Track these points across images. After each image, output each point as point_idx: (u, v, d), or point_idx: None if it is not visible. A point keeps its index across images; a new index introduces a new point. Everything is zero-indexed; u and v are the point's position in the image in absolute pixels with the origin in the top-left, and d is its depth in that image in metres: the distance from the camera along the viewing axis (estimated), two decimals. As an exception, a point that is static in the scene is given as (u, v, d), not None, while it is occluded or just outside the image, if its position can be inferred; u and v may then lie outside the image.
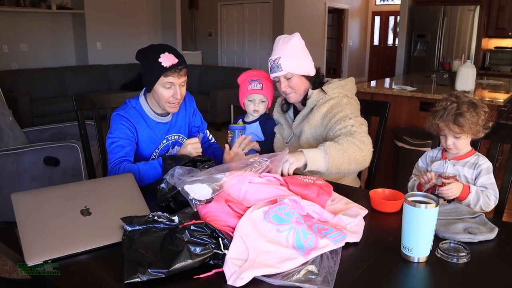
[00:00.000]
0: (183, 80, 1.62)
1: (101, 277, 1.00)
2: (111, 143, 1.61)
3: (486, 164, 1.54)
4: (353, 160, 1.60)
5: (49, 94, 5.99)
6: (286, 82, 1.77)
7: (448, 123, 1.50)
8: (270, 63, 1.77)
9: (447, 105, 1.52)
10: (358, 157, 1.61)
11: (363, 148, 1.62)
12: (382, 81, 4.41)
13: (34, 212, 1.11)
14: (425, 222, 1.03)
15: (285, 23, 8.46)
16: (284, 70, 1.73)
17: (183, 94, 1.65)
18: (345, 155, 1.58)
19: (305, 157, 1.53)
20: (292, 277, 0.96)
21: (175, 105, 1.65)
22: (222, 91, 5.91)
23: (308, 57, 1.80)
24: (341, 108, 1.73)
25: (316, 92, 1.80)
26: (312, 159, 1.54)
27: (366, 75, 11.81)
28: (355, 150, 1.60)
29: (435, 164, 1.62)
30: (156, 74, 1.57)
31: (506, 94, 3.32)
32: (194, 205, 1.19)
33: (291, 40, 1.76)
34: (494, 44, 6.41)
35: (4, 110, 2.94)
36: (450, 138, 1.54)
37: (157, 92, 1.62)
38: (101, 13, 7.02)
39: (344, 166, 1.59)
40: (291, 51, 1.74)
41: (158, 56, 1.56)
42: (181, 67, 1.59)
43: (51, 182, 2.64)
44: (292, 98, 1.82)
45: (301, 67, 1.76)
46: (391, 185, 1.53)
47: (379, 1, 11.76)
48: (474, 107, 1.50)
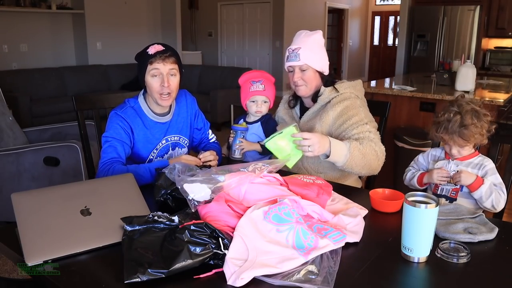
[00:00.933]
0: (170, 68, 1.59)
1: (101, 277, 1.00)
2: (105, 142, 1.62)
3: (491, 165, 1.55)
4: (367, 166, 1.64)
5: (49, 94, 5.99)
6: (300, 73, 1.77)
7: (453, 136, 1.51)
8: (288, 52, 1.78)
9: (450, 116, 1.51)
10: (372, 164, 1.65)
11: (380, 158, 1.66)
12: (382, 81, 4.41)
13: (34, 212, 1.11)
14: (425, 222, 1.03)
15: (285, 23, 8.46)
16: (301, 60, 1.74)
17: (173, 84, 1.62)
18: (364, 160, 1.62)
19: (330, 147, 1.56)
20: (292, 277, 0.96)
21: (167, 97, 1.62)
22: (222, 91, 5.91)
23: (326, 56, 1.82)
24: (356, 111, 1.74)
25: (328, 90, 1.80)
26: (335, 151, 1.57)
27: (366, 75, 11.82)
28: (374, 157, 1.64)
29: (439, 163, 1.62)
30: (144, 63, 1.59)
31: (506, 94, 3.32)
32: (192, 205, 1.19)
33: (314, 35, 1.78)
34: (494, 44, 6.41)
35: (4, 110, 2.94)
36: (455, 148, 1.55)
37: (147, 83, 1.61)
38: (101, 13, 7.02)
39: (357, 169, 1.63)
40: (311, 44, 1.76)
41: (147, 48, 1.60)
42: (167, 54, 1.58)
43: (51, 182, 2.64)
44: (302, 91, 1.82)
45: (318, 62, 1.78)
46: (391, 185, 1.53)
47: (379, 1, 11.76)
48: (477, 116, 1.49)
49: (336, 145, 1.58)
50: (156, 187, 1.34)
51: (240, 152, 1.86)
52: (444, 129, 1.51)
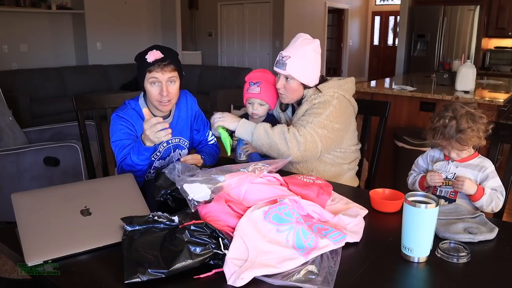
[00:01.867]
0: (169, 76, 1.57)
1: (101, 277, 1.00)
2: (115, 147, 1.61)
3: (491, 168, 1.55)
4: (274, 149, 1.67)
5: (49, 94, 5.99)
6: (284, 82, 1.76)
7: (450, 142, 1.50)
8: (278, 57, 1.76)
9: (446, 122, 1.50)
10: (279, 148, 1.66)
11: (290, 144, 1.65)
12: (382, 81, 4.41)
13: (34, 212, 1.11)
14: (425, 222, 1.03)
15: (285, 23, 8.45)
16: (287, 70, 1.72)
17: (173, 92, 1.60)
18: (268, 141, 1.66)
19: (237, 123, 1.69)
20: (292, 277, 0.96)
21: (166, 103, 1.61)
22: (222, 91, 5.91)
23: (317, 68, 1.78)
24: (323, 108, 1.72)
25: (311, 91, 1.79)
26: (241, 126, 1.70)
27: (366, 75, 11.81)
28: (280, 141, 1.66)
29: (438, 164, 1.62)
30: (143, 71, 1.57)
31: (506, 94, 3.32)
32: (192, 205, 1.19)
33: (310, 45, 1.74)
34: (494, 44, 6.41)
35: (4, 110, 2.94)
36: (454, 151, 1.55)
37: (147, 90, 1.60)
38: (101, 13, 7.02)
39: (265, 148, 1.69)
40: (303, 56, 1.72)
41: (146, 53, 1.57)
42: (166, 62, 1.55)
43: (51, 182, 2.64)
44: (284, 99, 1.83)
45: (304, 76, 1.74)
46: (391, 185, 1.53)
47: (379, 1, 11.76)
48: (473, 119, 1.48)
49: (244, 123, 1.70)
50: (156, 187, 1.34)
51: (245, 154, 1.85)
52: (441, 135, 1.51)
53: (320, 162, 1.81)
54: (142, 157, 1.51)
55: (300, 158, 1.69)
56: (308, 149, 1.67)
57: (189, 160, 1.62)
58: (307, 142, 1.67)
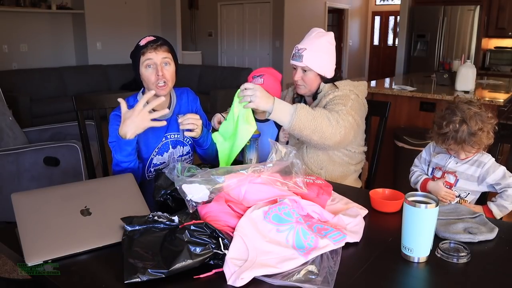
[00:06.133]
0: (163, 57, 1.58)
1: (101, 277, 1.00)
2: (112, 148, 1.61)
3: (490, 161, 1.55)
4: (319, 131, 1.56)
5: (49, 94, 5.99)
6: (301, 73, 1.79)
7: (463, 145, 1.50)
8: (294, 50, 1.78)
9: (456, 127, 1.49)
10: (325, 130, 1.57)
11: (334, 125, 1.59)
12: (382, 81, 4.41)
13: (34, 212, 1.11)
14: (425, 222, 1.03)
15: (285, 23, 8.45)
16: (304, 62, 1.74)
17: (168, 73, 1.60)
18: (313, 122, 1.54)
19: (273, 104, 1.51)
20: (292, 277, 0.96)
21: (163, 86, 1.60)
22: (222, 91, 5.91)
23: (332, 60, 1.81)
24: (344, 100, 1.71)
25: (327, 86, 1.80)
26: (278, 110, 1.52)
27: (366, 75, 11.81)
28: (326, 123, 1.57)
29: (439, 156, 1.64)
30: (137, 56, 1.59)
31: (506, 94, 3.32)
32: (190, 206, 1.18)
33: (324, 37, 1.77)
34: (494, 44, 6.41)
35: (4, 110, 2.94)
36: (464, 153, 1.55)
37: (143, 76, 1.61)
38: (101, 13, 7.02)
39: (307, 132, 1.55)
40: (318, 47, 1.75)
41: (139, 41, 1.61)
42: (159, 43, 1.58)
43: (51, 182, 2.64)
44: (301, 90, 1.84)
45: (321, 66, 1.77)
46: (391, 185, 1.53)
47: (379, 1, 11.76)
48: (481, 120, 1.49)
49: (280, 103, 1.53)
50: (156, 187, 1.34)
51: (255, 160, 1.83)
52: (452, 140, 1.50)
53: (330, 160, 1.80)
54: (125, 152, 1.51)
55: (337, 144, 1.63)
56: (346, 134, 1.63)
57: (188, 120, 1.57)
58: (347, 127, 1.63)
